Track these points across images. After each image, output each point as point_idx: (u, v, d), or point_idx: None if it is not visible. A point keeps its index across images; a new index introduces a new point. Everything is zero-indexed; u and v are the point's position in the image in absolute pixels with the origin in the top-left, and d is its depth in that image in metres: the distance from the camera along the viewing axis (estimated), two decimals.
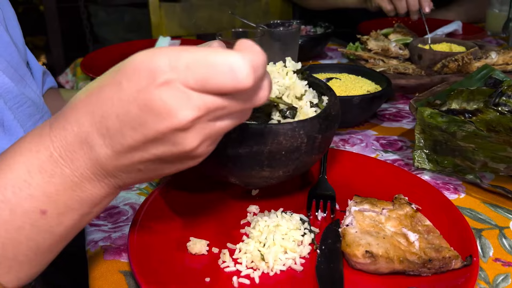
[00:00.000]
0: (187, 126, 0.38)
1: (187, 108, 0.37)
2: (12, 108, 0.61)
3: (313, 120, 0.58)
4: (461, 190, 0.76)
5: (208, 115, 0.38)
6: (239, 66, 0.36)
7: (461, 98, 0.88)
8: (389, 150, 0.89)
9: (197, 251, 0.59)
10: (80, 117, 0.40)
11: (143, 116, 0.38)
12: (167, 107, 0.37)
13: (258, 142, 0.55)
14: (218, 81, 0.36)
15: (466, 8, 1.87)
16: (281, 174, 0.60)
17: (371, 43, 1.25)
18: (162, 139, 0.39)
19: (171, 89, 0.37)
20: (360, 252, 0.55)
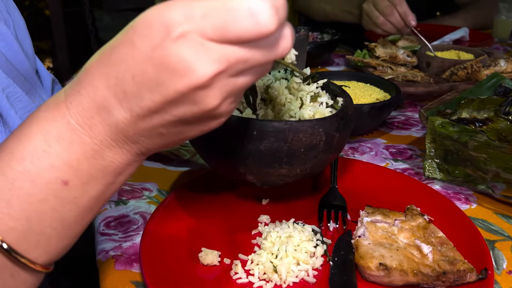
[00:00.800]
0: (207, 82, 0.36)
1: (206, 62, 0.35)
2: (23, 117, 0.61)
3: (332, 119, 0.59)
4: (473, 200, 0.76)
5: (229, 69, 0.36)
6: (260, 8, 0.33)
7: (472, 107, 0.87)
8: (399, 159, 0.89)
9: (209, 262, 0.59)
10: (94, 80, 0.38)
11: (160, 76, 0.36)
12: (185, 63, 0.35)
13: (279, 139, 0.56)
14: (239, 27, 0.34)
15: (473, 15, 1.86)
16: (298, 172, 0.61)
17: (379, 50, 1.25)
18: (182, 99, 0.37)
19: (188, 42, 0.34)
20: (374, 264, 0.55)
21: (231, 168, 0.62)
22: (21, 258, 0.39)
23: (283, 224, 0.64)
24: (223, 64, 0.35)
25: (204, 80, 0.35)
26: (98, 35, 3.25)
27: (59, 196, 0.39)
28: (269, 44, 0.36)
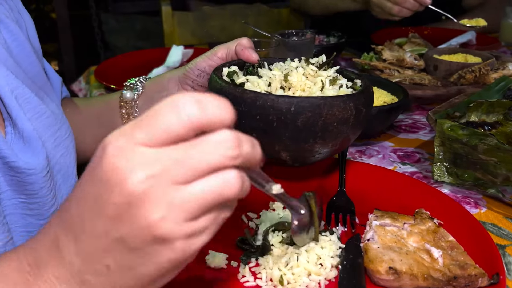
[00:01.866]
0: (142, 189, 0.33)
1: (138, 167, 0.33)
2: (31, 119, 0.61)
3: (359, 95, 0.63)
4: (482, 204, 0.75)
5: (166, 173, 0.33)
6: (182, 99, 0.34)
7: (481, 110, 0.87)
8: (406, 162, 0.88)
9: (216, 265, 0.58)
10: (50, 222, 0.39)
11: (97, 192, 0.35)
12: (117, 172, 0.33)
13: (315, 113, 0.59)
14: (163, 121, 0.33)
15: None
16: (329, 147, 0.64)
17: (386, 53, 1.25)
18: (120, 215, 0.34)
19: (121, 152, 0.34)
20: (384, 268, 0.54)
21: (266, 146, 0.62)
22: None
23: None
24: (156, 167, 0.33)
25: (137, 186, 0.33)
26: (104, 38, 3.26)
27: None
28: (206, 142, 0.34)
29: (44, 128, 0.63)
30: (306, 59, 0.71)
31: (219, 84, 0.62)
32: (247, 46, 0.70)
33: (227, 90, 0.61)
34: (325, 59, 0.71)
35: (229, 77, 0.67)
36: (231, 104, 0.36)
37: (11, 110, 0.58)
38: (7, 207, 0.59)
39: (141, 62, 1.42)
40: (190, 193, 0.34)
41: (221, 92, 0.61)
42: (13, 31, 0.65)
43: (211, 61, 0.73)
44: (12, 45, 0.64)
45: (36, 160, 0.59)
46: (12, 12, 0.68)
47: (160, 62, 1.38)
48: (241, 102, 0.59)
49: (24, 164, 0.57)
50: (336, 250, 0.59)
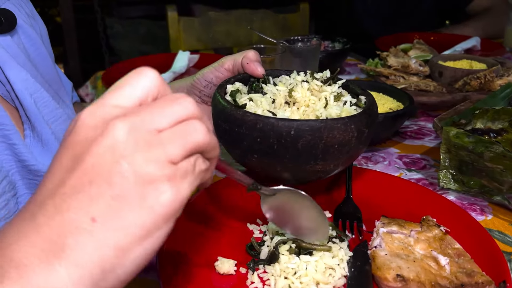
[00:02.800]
0: (121, 136, 0.34)
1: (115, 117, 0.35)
2: (49, 122, 0.62)
3: (361, 115, 0.62)
4: (488, 211, 0.75)
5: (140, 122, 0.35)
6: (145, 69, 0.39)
7: (486, 118, 0.87)
8: (412, 168, 0.89)
9: (225, 271, 0.59)
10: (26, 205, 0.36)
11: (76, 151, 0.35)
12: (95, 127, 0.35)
13: (315, 137, 0.58)
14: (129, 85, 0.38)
15: (484, 24, 1.86)
16: (331, 167, 0.63)
17: (391, 59, 1.25)
18: (103, 163, 0.34)
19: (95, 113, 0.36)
20: (391, 275, 0.55)
21: (268, 167, 0.63)
22: None
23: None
24: (131, 117, 0.35)
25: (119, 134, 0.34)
26: (109, 42, 3.28)
27: None
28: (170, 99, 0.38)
29: (61, 132, 0.64)
30: (311, 73, 0.71)
31: (221, 104, 0.63)
32: (253, 59, 0.70)
33: (229, 111, 0.61)
34: (329, 75, 0.71)
35: (232, 96, 0.67)
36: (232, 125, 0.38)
37: (30, 114, 0.59)
38: None
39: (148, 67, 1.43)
40: (165, 137, 0.36)
41: (223, 113, 0.62)
42: (31, 36, 0.66)
43: (218, 72, 0.73)
44: (30, 50, 0.65)
45: None
46: (28, 17, 0.69)
47: (166, 67, 1.39)
48: (242, 124, 0.59)
49: (43, 167, 0.58)
50: (345, 258, 0.59)
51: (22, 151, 0.57)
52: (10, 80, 0.57)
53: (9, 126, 0.56)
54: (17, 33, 0.63)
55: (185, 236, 0.64)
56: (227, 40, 1.95)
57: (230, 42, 1.95)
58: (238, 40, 1.95)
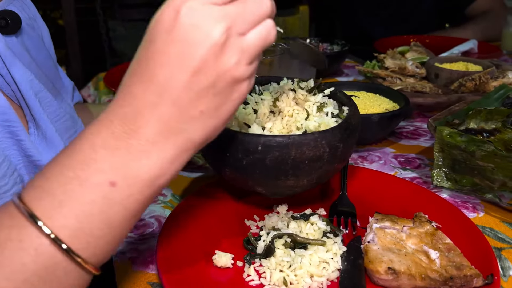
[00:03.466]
0: (222, 40, 0.40)
1: (215, 22, 0.40)
2: (53, 121, 0.64)
3: (335, 130, 0.61)
4: (480, 208, 0.77)
5: (234, 25, 0.41)
6: None
7: (479, 118, 0.89)
8: (407, 167, 0.91)
9: (222, 264, 0.61)
10: (131, 89, 0.43)
11: (183, 50, 0.41)
12: (200, 30, 0.40)
13: (283, 153, 0.58)
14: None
15: (482, 27, 1.88)
16: (305, 182, 0.63)
17: (388, 61, 1.27)
18: (207, 66, 0.41)
19: (196, 11, 0.40)
20: (383, 268, 0.57)
21: (240, 180, 0.65)
22: (76, 256, 0.41)
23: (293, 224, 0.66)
24: (227, 20, 0.41)
25: (218, 38, 0.40)
26: (111, 44, 3.31)
27: (107, 197, 0.42)
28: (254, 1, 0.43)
29: (63, 131, 0.66)
30: (298, 81, 0.71)
31: None
32: None
33: None
34: (312, 84, 0.70)
35: None
36: None
37: (35, 113, 0.62)
38: None
39: None
40: (250, 40, 0.43)
41: None
42: (33, 37, 0.68)
43: None
44: (32, 51, 0.68)
45: None
46: (30, 20, 0.71)
47: None
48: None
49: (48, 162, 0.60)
50: (339, 252, 0.61)
51: (28, 147, 0.59)
52: (16, 80, 0.60)
53: (16, 123, 0.58)
54: (21, 34, 0.66)
55: (184, 231, 0.66)
56: None
57: None
58: None
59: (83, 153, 0.42)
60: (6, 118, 0.58)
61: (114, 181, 0.42)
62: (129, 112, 0.42)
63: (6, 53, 0.59)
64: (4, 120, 0.58)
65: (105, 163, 0.42)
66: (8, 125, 0.58)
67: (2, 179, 0.55)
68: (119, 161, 0.42)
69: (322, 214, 0.71)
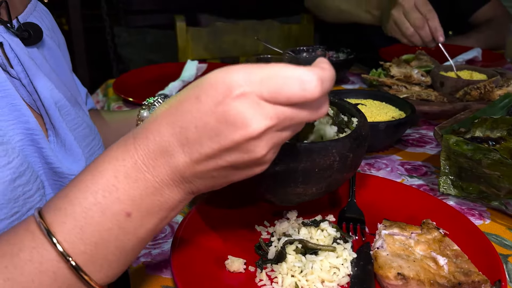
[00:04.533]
0: (259, 135, 0.42)
1: (261, 118, 0.41)
2: (71, 129, 0.66)
3: (345, 140, 0.62)
4: (486, 216, 0.79)
5: (278, 125, 0.42)
6: (309, 79, 0.40)
7: (485, 126, 0.91)
8: (414, 175, 0.92)
9: (235, 269, 0.62)
10: (161, 128, 0.44)
11: (220, 127, 0.42)
12: (243, 117, 0.41)
13: (294, 160, 0.59)
14: (289, 91, 0.40)
15: (486, 35, 1.89)
16: (314, 191, 0.64)
17: (394, 69, 1.29)
18: (236, 148, 0.43)
19: (247, 100, 0.41)
20: (392, 274, 0.58)
21: (250, 188, 0.66)
22: (90, 280, 0.45)
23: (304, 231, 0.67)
24: (274, 120, 0.42)
25: (257, 133, 0.41)
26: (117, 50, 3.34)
27: (122, 226, 0.45)
28: (313, 107, 0.43)
29: (81, 139, 0.68)
30: None
31: None
32: None
33: None
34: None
35: None
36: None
37: (55, 121, 0.64)
38: None
39: (157, 76, 1.48)
40: (285, 136, 0.45)
41: None
42: (51, 47, 0.70)
43: None
44: (51, 61, 0.70)
45: (77, 167, 0.65)
46: (48, 30, 0.73)
47: (175, 76, 1.43)
48: None
49: (67, 169, 0.63)
50: (349, 258, 0.63)
51: (48, 154, 0.61)
52: (37, 90, 0.62)
53: (38, 131, 0.60)
54: (42, 45, 0.68)
55: (198, 236, 0.67)
56: (234, 49, 2.00)
57: (237, 52, 2.00)
58: (244, 50, 2.00)
59: (107, 178, 0.45)
60: (29, 126, 0.60)
61: (130, 212, 0.45)
62: (152, 149, 0.45)
63: (29, 64, 0.61)
64: (27, 129, 0.60)
65: (124, 193, 0.45)
66: (30, 133, 0.60)
67: (27, 185, 0.57)
68: (137, 194, 0.45)
69: (331, 221, 0.73)
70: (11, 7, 0.64)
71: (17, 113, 0.59)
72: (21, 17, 0.66)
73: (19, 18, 0.65)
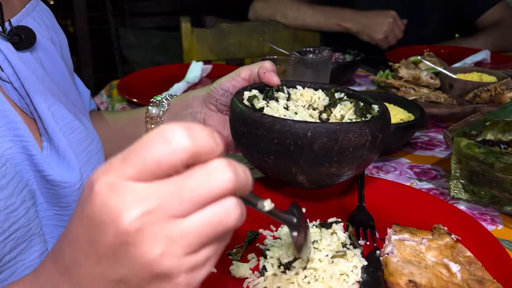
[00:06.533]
0: (137, 226, 0.32)
1: (132, 203, 0.32)
2: (66, 134, 0.64)
3: (376, 121, 0.64)
4: (499, 221, 0.76)
5: (162, 207, 0.32)
6: (170, 130, 0.33)
7: (497, 129, 0.88)
8: (423, 178, 0.90)
9: (240, 275, 0.60)
10: (45, 260, 0.40)
11: (90, 233, 0.34)
12: (109, 211, 0.32)
13: (331, 139, 0.60)
14: (154, 153, 0.32)
15: (493, 38, 1.87)
16: (346, 170, 0.65)
17: (403, 71, 1.27)
18: (116, 255, 0.33)
19: (112, 189, 0.33)
20: (404, 281, 0.56)
21: (283, 169, 0.65)
22: None
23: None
24: (151, 202, 0.32)
25: (132, 223, 0.32)
26: (122, 52, 3.34)
27: None
28: (201, 172, 0.33)
29: (77, 143, 0.66)
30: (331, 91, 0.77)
31: (239, 107, 0.65)
32: (269, 69, 0.72)
33: (247, 114, 0.63)
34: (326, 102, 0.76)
35: (249, 101, 0.70)
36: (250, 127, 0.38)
37: (48, 126, 0.61)
38: (43, 219, 0.62)
39: (162, 77, 1.46)
40: (189, 227, 0.33)
41: (241, 115, 0.64)
42: (48, 49, 0.69)
43: (234, 82, 0.75)
44: (47, 64, 0.68)
45: (70, 174, 0.62)
46: (47, 30, 0.72)
47: (180, 77, 1.42)
48: (259, 126, 0.62)
49: (59, 177, 0.60)
50: (359, 265, 0.61)
51: (39, 162, 0.59)
52: (29, 94, 0.60)
53: (28, 138, 0.58)
54: (36, 48, 0.66)
55: None
56: (239, 51, 1.98)
57: (242, 53, 1.98)
58: (249, 51, 1.98)
59: None
60: (18, 133, 0.57)
61: None
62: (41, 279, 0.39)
63: (20, 68, 0.59)
64: (16, 136, 0.57)
65: None
66: (20, 140, 0.57)
67: (9, 198, 0.54)
68: None
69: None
70: (8, 6, 0.62)
71: (5, 119, 0.57)
72: (17, 17, 0.64)
73: (16, 18, 0.64)
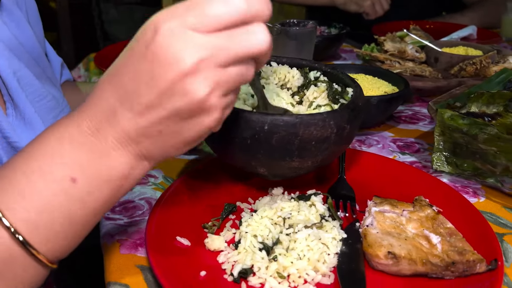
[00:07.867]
0: (194, 69, 0.38)
1: (191, 49, 0.38)
2: (33, 101, 0.61)
3: (343, 111, 0.59)
4: (481, 194, 0.75)
5: (214, 57, 0.39)
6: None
7: (481, 101, 0.87)
8: (406, 152, 0.88)
9: (215, 248, 0.58)
10: (103, 93, 0.42)
11: (153, 69, 0.39)
12: (172, 52, 0.38)
13: (290, 133, 0.56)
14: (214, 11, 0.38)
15: (480, 14, 1.85)
16: (309, 164, 0.61)
17: (388, 44, 1.24)
18: (174, 89, 0.39)
19: (174, 34, 0.38)
20: (382, 252, 0.54)
21: (243, 161, 0.62)
22: (33, 250, 0.41)
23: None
24: (207, 50, 0.39)
25: (191, 66, 0.38)
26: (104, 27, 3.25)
27: (67, 193, 0.42)
28: (245, 33, 0.40)
29: (45, 112, 0.63)
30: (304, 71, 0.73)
31: None
32: None
33: None
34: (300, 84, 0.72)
35: None
36: None
37: (13, 92, 0.58)
38: None
39: None
40: (230, 75, 0.41)
41: None
42: (15, 14, 0.65)
43: None
44: (14, 28, 0.64)
45: None
46: None
47: None
48: None
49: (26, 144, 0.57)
50: (338, 237, 0.59)
51: (5, 128, 0.56)
52: None
53: None
54: (1, 12, 0.62)
55: (175, 213, 0.63)
56: None
57: None
58: None
59: (50, 144, 0.43)
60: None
61: (75, 177, 0.42)
62: (95, 114, 0.43)
63: None
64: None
65: (69, 158, 0.42)
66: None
67: None
68: (82, 158, 0.42)
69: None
70: None
71: None
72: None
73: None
